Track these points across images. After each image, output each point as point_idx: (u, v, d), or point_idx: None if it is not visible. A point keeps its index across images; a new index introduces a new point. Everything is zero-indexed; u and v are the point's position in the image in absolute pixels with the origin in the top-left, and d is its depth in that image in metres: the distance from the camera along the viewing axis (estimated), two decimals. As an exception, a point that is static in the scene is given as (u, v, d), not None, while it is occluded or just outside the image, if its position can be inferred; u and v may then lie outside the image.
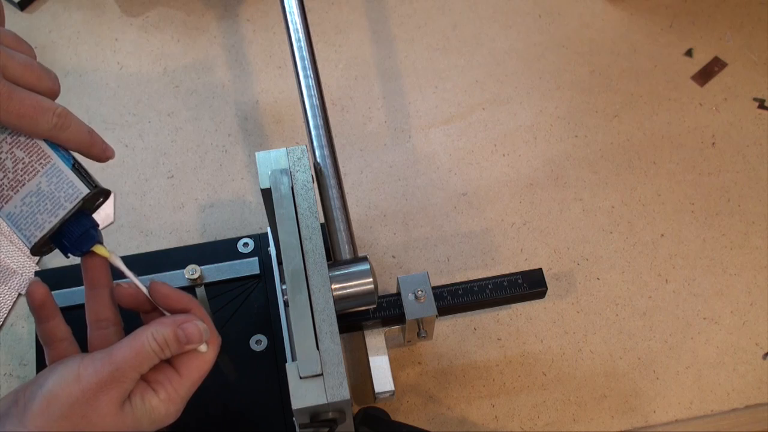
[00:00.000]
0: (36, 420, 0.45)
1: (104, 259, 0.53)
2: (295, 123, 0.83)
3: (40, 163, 0.49)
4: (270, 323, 0.70)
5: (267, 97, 0.85)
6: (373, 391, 0.64)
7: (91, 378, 0.47)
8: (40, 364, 0.69)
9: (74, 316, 0.70)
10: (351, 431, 0.61)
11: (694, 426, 0.69)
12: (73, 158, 0.51)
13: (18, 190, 0.49)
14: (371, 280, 0.59)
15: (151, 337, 0.48)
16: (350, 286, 0.59)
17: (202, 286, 0.71)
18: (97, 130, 0.85)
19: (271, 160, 0.61)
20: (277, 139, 0.83)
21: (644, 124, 0.83)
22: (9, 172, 0.49)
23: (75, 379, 0.47)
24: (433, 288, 0.65)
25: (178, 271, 0.72)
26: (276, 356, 0.68)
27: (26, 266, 0.75)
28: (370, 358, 0.65)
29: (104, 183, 0.80)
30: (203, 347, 0.50)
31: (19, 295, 0.74)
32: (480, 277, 0.68)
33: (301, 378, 0.53)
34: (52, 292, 0.71)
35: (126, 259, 0.74)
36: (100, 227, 0.77)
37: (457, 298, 0.66)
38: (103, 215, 0.78)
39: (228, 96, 0.85)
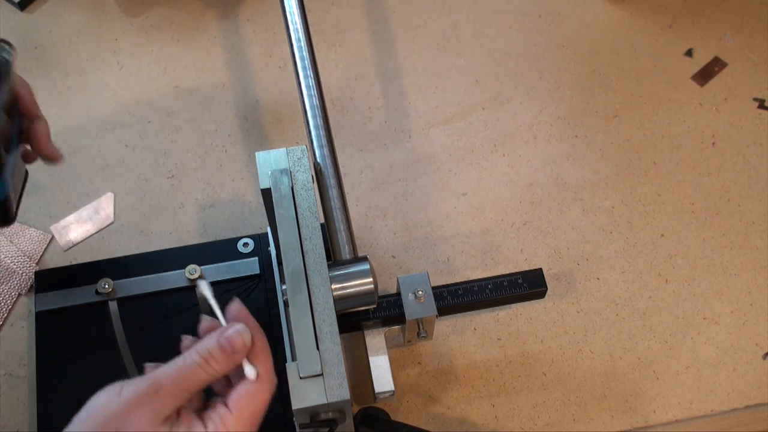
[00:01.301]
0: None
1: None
2: (295, 123, 0.83)
3: None
4: (270, 323, 0.70)
5: (267, 97, 0.85)
6: (373, 391, 0.64)
7: (130, 392, 0.46)
8: (40, 364, 0.69)
9: (74, 316, 0.71)
10: (351, 431, 0.61)
11: (694, 426, 0.69)
12: None
13: None
14: (371, 280, 0.59)
15: (194, 351, 0.47)
16: (350, 286, 0.59)
17: (202, 286, 0.71)
18: (97, 130, 0.85)
19: (271, 160, 0.61)
20: (277, 139, 0.83)
21: (644, 124, 0.83)
22: None
23: (116, 393, 0.46)
24: (433, 288, 0.65)
25: (178, 271, 0.72)
26: (276, 356, 0.68)
27: (26, 266, 0.75)
28: (370, 358, 0.65)
29: (104, 183, 0.81)
30: (251, 372, 0.48)
31: (19, 295, 0.74)
32: (480, 277, 0.68)
33: (301, 378, 0.53)
34: (52, 293, 0.71)
35: (126, 259, 0.74)
36: (101, 227, 0.77)
37: (457, 298, 0.66)
38: (103, 215, 0.78)
39: (228, 96, 0.85)
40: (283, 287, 0.58)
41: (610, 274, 0.76)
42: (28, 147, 0.64)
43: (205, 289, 0.51)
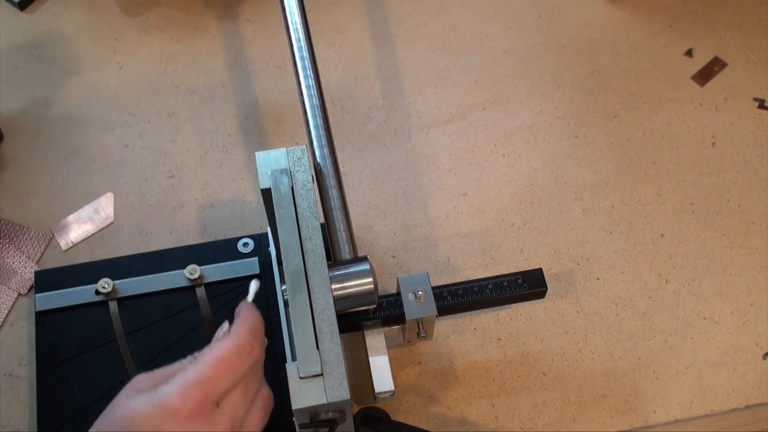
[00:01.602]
0: None
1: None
2: (295, 123, 0.83)
3: None
4: (270, 323, 0.70)
5: (267, 97, 0.85)
6: (373, 391, 0.64)
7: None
8: (40, 364, 0.69)
9: (74, 316, 0.71)
10: (351, 431, 0.61)
11: (694, 426, 0.69)
12: None
13: None
14: (371, 280, 0.59)
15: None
16: (350, 286, 0.59)
17: (202, 286, 0.71)
18: (97, 130, 0.86)
19: (271, 160, 0.61)
20: (277, 139, 0.83)
21: (644, 124, 0.83)
22: None
23: None
24: (433, 288, 0.65)
25: (178, 271, 0.72)
26: (276, 356, 0.68)
27: (26, 266, 0.75)
28: (370, 358, 0.65)
29: (104, 183, 0.81)
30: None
31: (19, 295, 0.74)
32: (480, 277, 0.68)
33: (301, 378, 0.53)
34: (52, 293, 0.72)
35: (126, 259, 0.74)
36: (101, 227, 0.77)
37: (457, 298, 0.66)
38: (103, 215, 0.78)
39: (228, 96, 0.85)
40: (283, 287, 0.58)
41: (610, 274, 0.76)
42: None
43: (253, 286, 0.56)
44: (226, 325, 0.53)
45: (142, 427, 0.47)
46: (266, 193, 0.61)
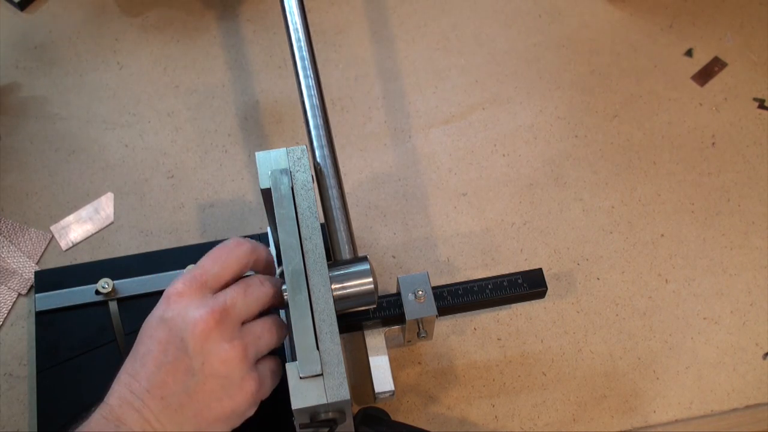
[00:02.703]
0: None
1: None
2: (295, 123, 0.83)
3: None
4: (270, 323, 0.70)
5: (267, 97, 0.85)
6: (373, 391, 0.64)
7: None
8: (40, 364, 0.69)
9: (74, 316, 0.71)
10: (351, 431, 0.61)
11: (694, 426, 0.69)
12: None
13: None
14: (371, 280, 0.59)
15: None
16: (350, 286, 0.59)
17: (202, 286, 0.71)
18: (97, 130, 0.86)
19: (271, 160, 0.62)
20: (277, 139, 0.83)
21: (644, 124, 0.83)
22: None
23: None
24: (433, 288, 0.65)
25: (178, 271, 0.72)
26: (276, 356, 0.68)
27: (26, 266, 0.75)
28: (370, 358, 0.65)
29: (104, 183, 0.81)
30: None
31: (19, 295, 0.74)
32: (480, 277, 0.68)
33: (301, 378, 0.53)
34: (52, 293, 0.72)
35: (126, 260, 0.74)
36: (101, 227, 0.77)
37: (457, 298, 0.66)
38: (103, 215, 0.78)
39: (228, 96, 0.85)
40: (283, 287, 0.58)
41: (610, 274, 0.76)
42: None
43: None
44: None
45: (155, 320, 0.56)
46: (266, 193, 0.61)
